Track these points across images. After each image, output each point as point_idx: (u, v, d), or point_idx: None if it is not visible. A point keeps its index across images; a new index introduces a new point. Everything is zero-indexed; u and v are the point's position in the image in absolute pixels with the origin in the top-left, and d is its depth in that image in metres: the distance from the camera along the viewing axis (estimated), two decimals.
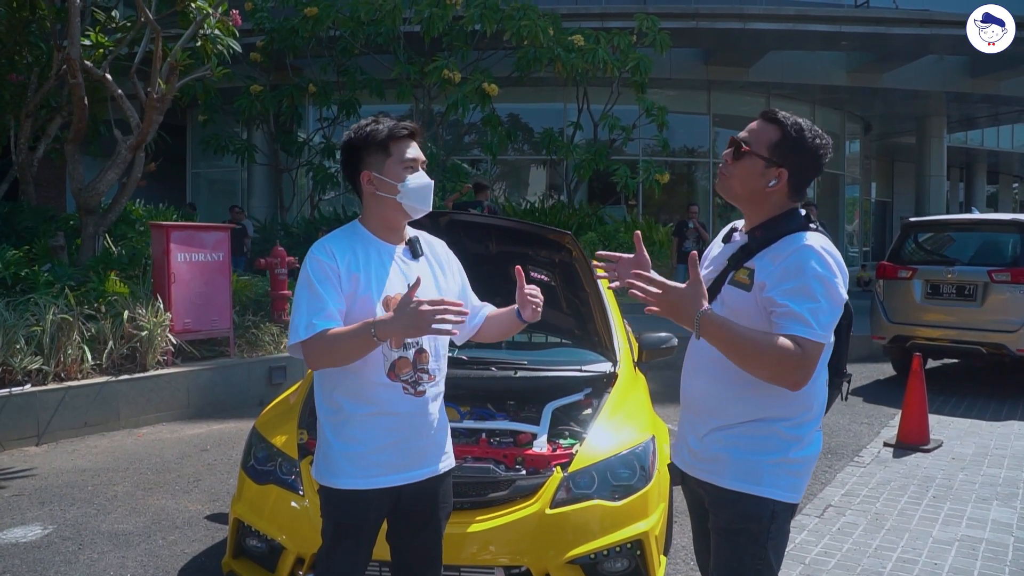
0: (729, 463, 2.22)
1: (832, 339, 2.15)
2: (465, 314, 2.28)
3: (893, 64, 18.56)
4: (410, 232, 2.57)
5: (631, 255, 2.42)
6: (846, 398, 2.58)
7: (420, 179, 2.44)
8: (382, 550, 2.60)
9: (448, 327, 2.21)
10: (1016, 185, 38.84)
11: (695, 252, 2.14)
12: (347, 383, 2.40)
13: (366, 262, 2.40)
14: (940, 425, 6.81)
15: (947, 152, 24.12)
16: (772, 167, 2.20)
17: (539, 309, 2.53)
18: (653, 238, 15.37)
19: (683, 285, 2.08)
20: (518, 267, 2.56)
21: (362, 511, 2.43)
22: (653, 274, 2.13)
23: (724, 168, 2.27)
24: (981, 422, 7.04)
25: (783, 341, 2.03)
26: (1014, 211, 36.52)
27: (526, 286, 2.54)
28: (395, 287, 2.41)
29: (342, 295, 2.35)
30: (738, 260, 2.24)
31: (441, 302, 2.20)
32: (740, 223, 2.38)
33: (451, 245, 2.73)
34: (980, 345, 8.09)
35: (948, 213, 24.67)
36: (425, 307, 2.16)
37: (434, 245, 2.65)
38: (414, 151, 2.45)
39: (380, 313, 2.33)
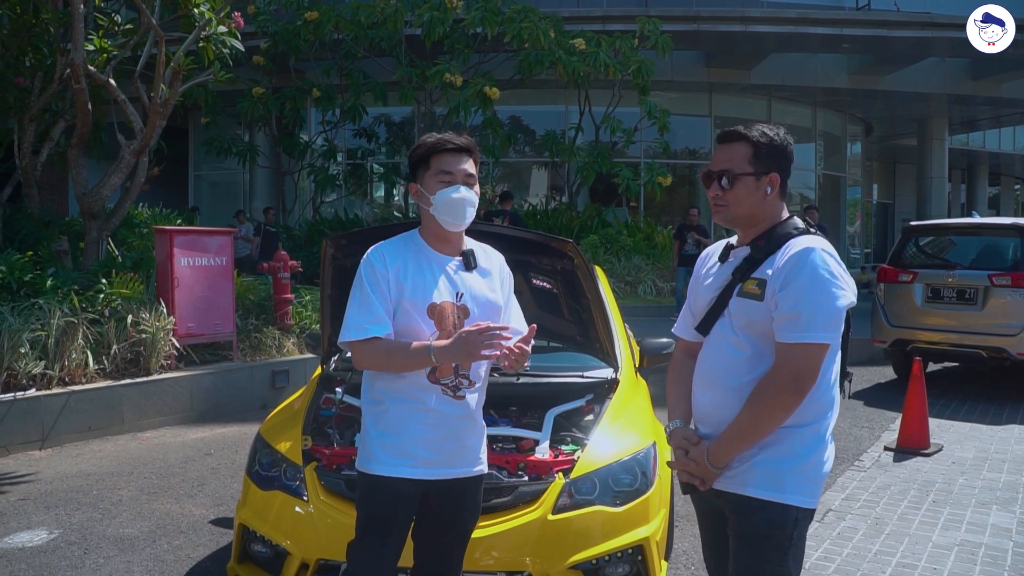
0: (753, 471, 2.22)
1: (837, 339, 2.20)
2: (508, 338, 2.37)
3: (894, 66, 18.59)
4: (469, 244, 2.64)
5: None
6: (849, 397, 2.64)
7: (451, 193, 2.48)
8: (406, 558, 2.65)
9: (497, 352, 2.37)
10: (1018, 187, 38.81)
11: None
12: (391, 378, 2.51)
13: (416, 271, 2.50)
14: (940, 429, 6.83)
15: (949, 154, 24.12)
16: (762, 177, 2.27)
17: (518, 366, 2.47)
18: (655, 240, 15.41)
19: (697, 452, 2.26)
20: (533, 325, 2.57)
21: (392, 500, 2.51)
22: (690, 462, 2.30)
23: (718, 200, 2.32)
24: (981, 426, 7.06)
25: (765, 380, 2.16)
26: (1016, 213, 36.56)
27: (522, 345, 2.46)
28: (443, 296, 2.51)
29: (390, 301, 2.47)
30: (743, 272, 2.27)
31: (488, 328, 2.35)
32: (733, 240, 2.43)
33: None
34: (981, 349, 8.11)
35: (949, 215, 24.70)
36: (473, 333, 2.34)
37: (492, 258, 2.71)
38: (455, 165, 2.51)
39: (423, 321, 2.47)
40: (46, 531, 4.53)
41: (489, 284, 2.61)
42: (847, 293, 2.15)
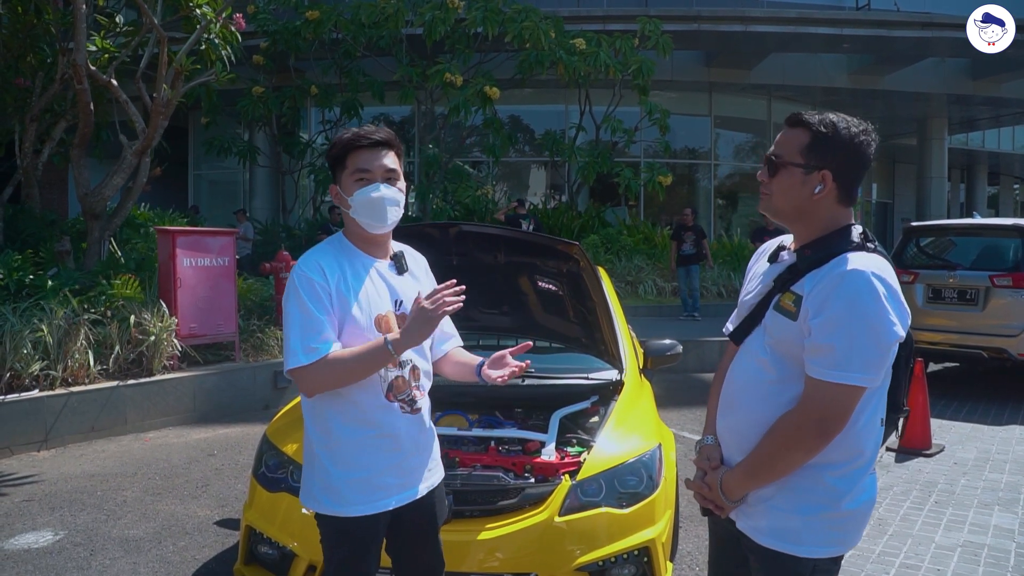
0: (768, 516, 2.00)
1: (881, 378, 1.90)
2: (458, 292, 2.20)
3: (894, 66, 18.61)
4: (395, 247, 2.49)
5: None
6: (902, 435, 2.40)
7: (370, 191, 2.29)
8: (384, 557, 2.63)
9: (455, 306, 2.18)
10: (1017, 187, 38.84)
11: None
12: (343, 409, 2.31)
13: (354, 279, 2.31)
14: (942, 430, 6.84)
15: (948, 154, 24.17)
16: (812, 172, 1.96)
17: (504, 381, 2.42)
18: (654, 240, 15.42)
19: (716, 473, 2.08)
20: (528, 343, 2.52)
21: (370, 535, 2.39)
22: (704, 486, 2.13)
23: (763, 187, 2.05)
24: (983, 426, 7.07)
25: (788, 416, 1.92)
26: (1015, 213, 36.60)
27: (516, 363, 2.44)
28: (384, 305, 2.35)
29: (334, 316, 2.26)
30: (784, 282, 2.00)
31: (434, 292, 2.21)
32: (788, 239, 2.14)
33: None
34: (981, 349, 8.12)
35: (949, 215, 24.72)
36: (426, 303, 2.18)
37: (419, 261, 2.59)
38: (370, 160, 2.31)
39: (369, 333, 2.28)
40: (51, 532, 4.54)
41: (419, 288, 2.46)
42: (896, 328, 1.84)
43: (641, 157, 18.17)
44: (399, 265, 2.44)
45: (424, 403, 2.47)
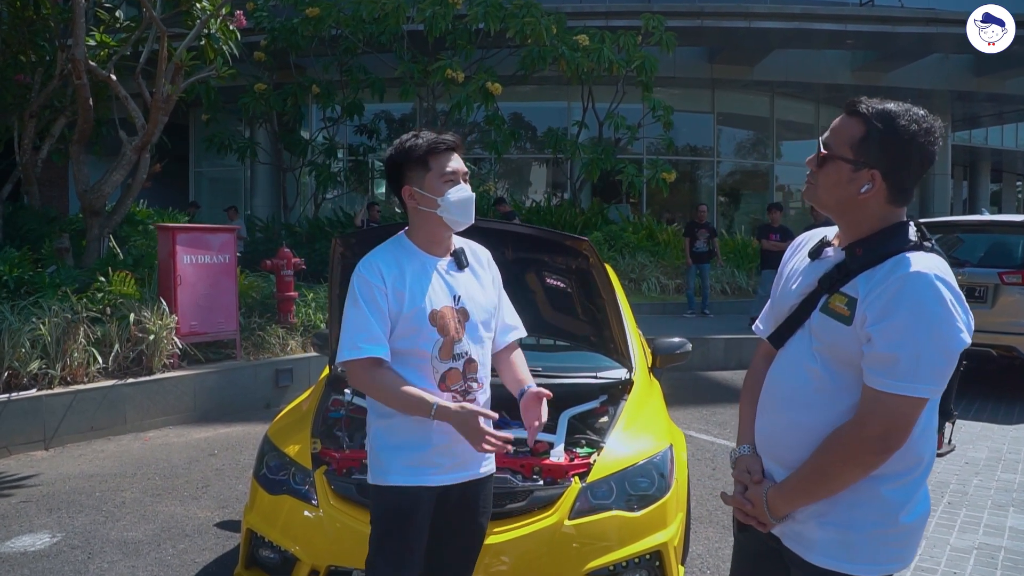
0: (820, 532, 1.86)
1: (941, 391, 1.77)
2: (504, 447, 2.35)
3: (898, 63, 18.52)
4: (456, 243, 2.59)
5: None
6: (950, 441, 2.26)
7: (461, 192, 2.45)
8: None
9: (491, 449, 2.33)
10: (1020, 184, 38.78)
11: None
12: None
13: (413, 278, 2.43)
14: (952, 429, 6.75)
15: (951, 151, 24.09)
16: (861, 169, 1.80)
17: (535, 427, 2.55)
18: (658, 237, 15.34)
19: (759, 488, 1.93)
20: (548, 393, 2.58)
21: (411, 505, 2.46)
22: (747, 502, 1.97)
23: (809, 176, 1.91)
24: (993, 425, 6.99)
25: (846, 429, 1.78)
26: (1018, 209, 36.50)
27: (541, 416, 2.54)
28: (442, 301, 2.45)
29: (387, 316, 2.40)
30: (833, 282, 1.84)
31: (500, 436, 2.32)
32: (831, 233, 1.98)
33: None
34: (991, 348, 8.03)
35: (952, 212, 24.64)
36: (480, 427, 2.30)
37: (479, 255, 2.67)
38: (455, 164, 2.47)
39: (425, 329, 2.41)
40: (49, 534, 4.46)
41: (481, 283, 2.59)
42: (963, 335, 1.70)
43: (644, 154, 18.07)
44: (459, 261, 2.55)
45: (481, 396, 2.54)
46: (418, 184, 2.46)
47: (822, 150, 1.87)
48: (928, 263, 1.74)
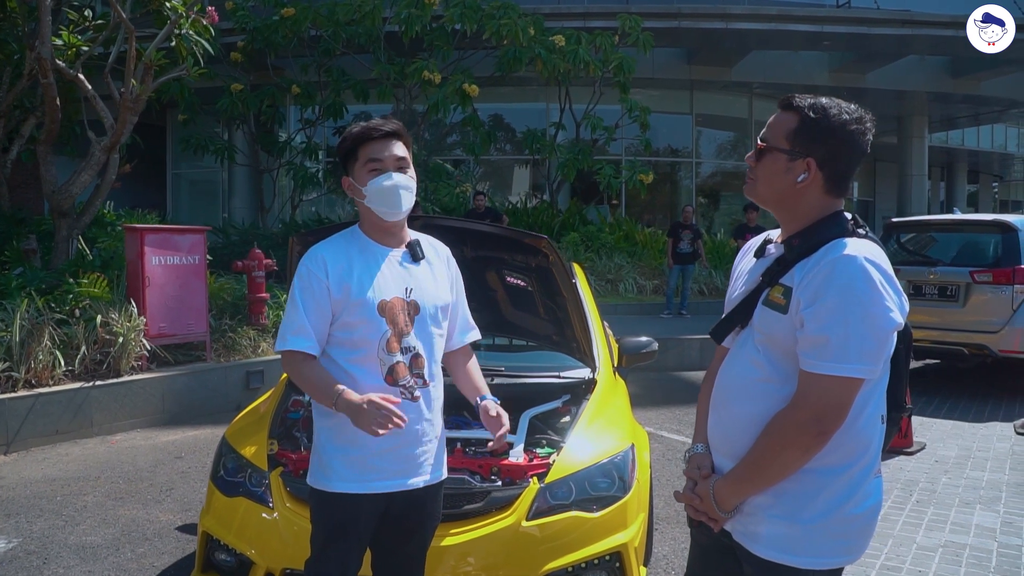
0: (764, 525, 1.86)
1: (880, 370, 1.80)
2: (402, 424, 2.22)
3: (875, 64, 18.63)
4: (413, 235, 2.53)
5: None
6: (906, 435, 2.27)
7: (383, 180, 2.36)
8: (363, 568, 2.55)
9: (382, 434, 2.20)
10: (996, 184, 39.13)
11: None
12: (344, 386, 2.32)
13: (362, 268, 2.37)
14: (923, 427, 6.76)
15: (928, 152, 24.24)
16: (797, 159, 1.85)
17: (500, 436, 2.56)
18: (635, 238, 15.34)
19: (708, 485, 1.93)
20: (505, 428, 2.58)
21: (353, 515, 2.39)
22: (695, 497, 1.98)
23: (749, 171, 1.96)
24: (963, 423, 7.01)
25: (782, 415, 1.80)
26: (994, 210, 36.81)
27: (503, 423, 2.56)
28: (392, 291, 2.39)
29: (325, 309, 2.35)
30: (773, 275, 1.89)
31: (386, 407, 2.18)
32: (775, 233, 2.03)
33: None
34: (962, 346, 8.07)
35: (929, 212, 24.79)
36: (375, 408, 2.18)
37: (438, 250, 2.61)
38: (381, 151, 2.39)
39: (374, 320, 2.35)
40: (4, 540, 4.37)
41: (435, 277, 2.52)
42: (893, 314, 1.73)
43: (622, 155, 18.09)
44: (413, 253, 2.48)
45: (427, 393, 2.45)
46: (351, 174, 2.43)
47: (760, 144, 1.93)
48: (858, 247, 1.77)
